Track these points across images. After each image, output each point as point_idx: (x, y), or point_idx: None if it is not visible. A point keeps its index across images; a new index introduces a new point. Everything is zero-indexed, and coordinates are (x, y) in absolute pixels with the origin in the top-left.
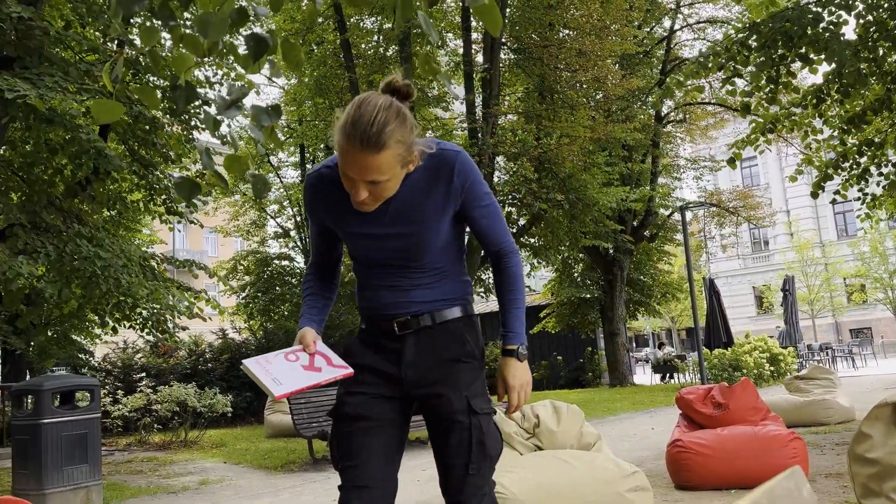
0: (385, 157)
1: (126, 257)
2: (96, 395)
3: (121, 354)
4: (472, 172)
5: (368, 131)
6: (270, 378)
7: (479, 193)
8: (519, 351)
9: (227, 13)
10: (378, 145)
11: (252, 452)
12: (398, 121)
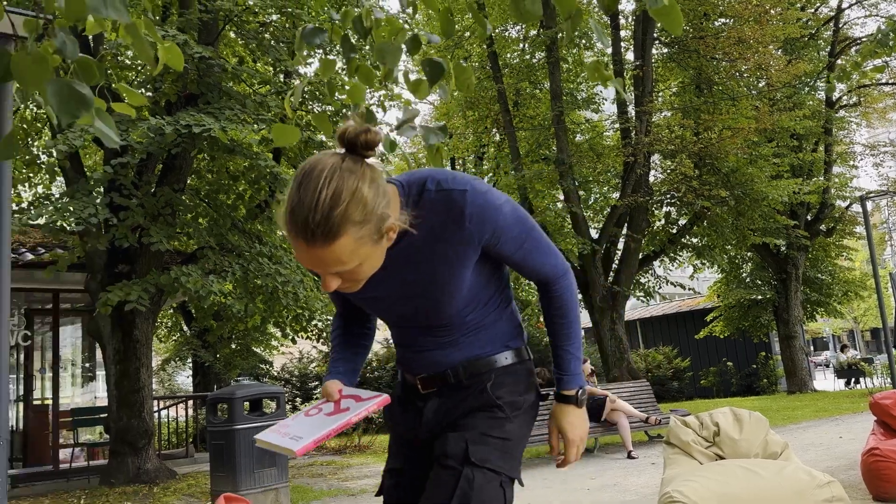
0: (342, 247)
1: (302, 273)
2: (281, 402)
3: (297, 364)
4: (488, 210)
5: (311, 222)
6: (288, 438)
7: (505, 232)
8: (578, 396)
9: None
10: (327, 236)
11: None
12: (352, 196)
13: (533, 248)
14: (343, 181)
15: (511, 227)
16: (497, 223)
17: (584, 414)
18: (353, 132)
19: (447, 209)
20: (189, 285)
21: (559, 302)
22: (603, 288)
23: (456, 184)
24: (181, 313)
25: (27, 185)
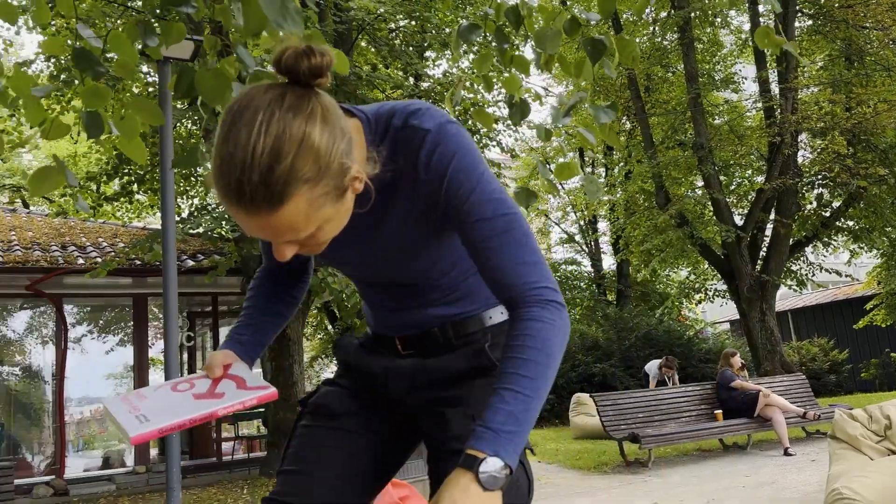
0: (292, 212)
1: None
2: None
3: None
4: (453, 158)
5: (247, 185)
6: (134, 416)
7: (470, 195)
8: (482, 467)
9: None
10: (271, 201)
11: (563, 452)
12: (299, 145)
13: (504, 233)
14: (285, 125)
15: (469, 180)
16: (450, 166)
17: (486, 500)
18: (293, 55)
19: (408, 151)
20: (335, 286)
21: (530, 333)
22: (750, 277)
23: (423, 119)
24: (325, 313)
25: (185, 197)
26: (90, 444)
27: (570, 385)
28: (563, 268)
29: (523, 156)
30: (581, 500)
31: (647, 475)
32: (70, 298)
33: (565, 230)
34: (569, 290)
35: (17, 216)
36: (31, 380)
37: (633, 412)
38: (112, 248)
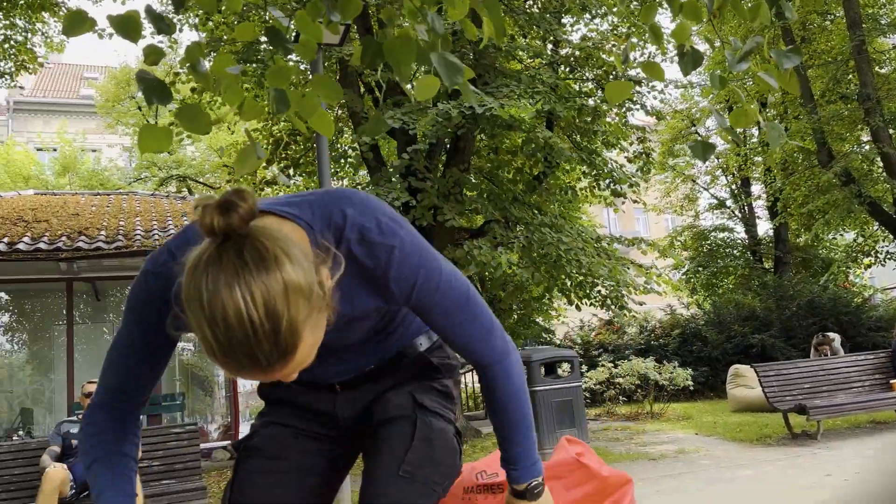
0: (303, 350)
1: (582, 240)
2: (576, 365)
3: (579, 332)
4: (419, 271)
5: (260, 355)
6: None
7: (437, 301)
8: (531, 490)
9: None
10: (287, 354)
11: (721, 425)
12: (286, 298)
13: (466, 322)
14: (265, 286)
15: (444, 295)
16: (427, 289)
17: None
18: (225, 210)
19: (371, 264)
20: (481, 258)
21: (500, 390)
22: None
23: (383, 236)
24: None
25: (335, 178)
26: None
27: (725, 357)
28: (714, 235)
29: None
30: (744, 472)
31: (815, 448)
32: None
33: (715, 195)
34: (721, 259)
35: (186, 203)
36: (203, 354)
37: (798, 382)
38: None
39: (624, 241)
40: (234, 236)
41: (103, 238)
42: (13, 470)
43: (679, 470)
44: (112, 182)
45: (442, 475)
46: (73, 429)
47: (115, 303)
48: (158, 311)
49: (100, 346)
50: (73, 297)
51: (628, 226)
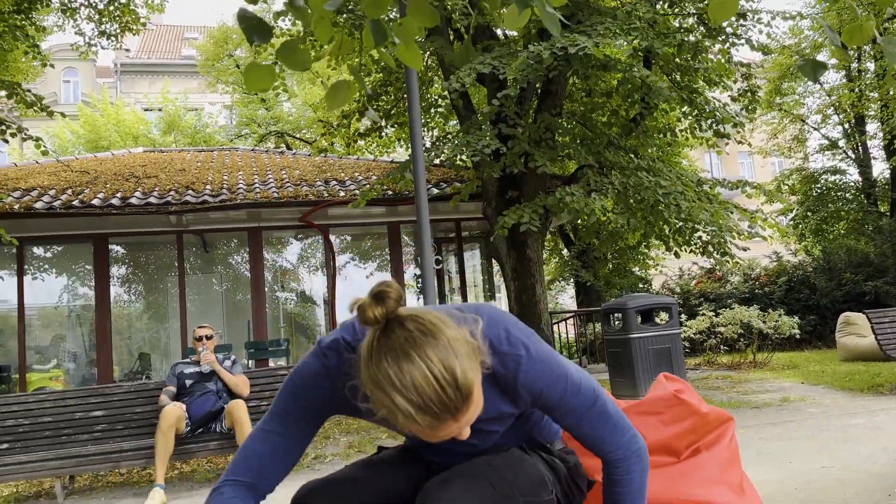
0: (476, 392)
1: (682, 183)
2: (674, 313)
3: (678, 281)
4: (544, 381)
5: (449, 401)
6: None
7: (563, 404)
8: None
9: None
10: (468, 397)
11: (829, 374)
12: (454, 349)
13: (591, 423)
14: (436, 348)
15: (570, 400)
16: (552, 396)
17: None
18: (379, 300)
19: (502, 371)
20: (573, 204)
21: (619, 484)
22: None
23: (511, 347)
24: (560, 236)
25: (426, 129)
26: None
27: (835, 305)
28: (825, 178)
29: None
30: (855, 421)
31: None
32: (334, 228)
33: (826, 135)
34: (832, 203)
35: (284, 157)
36: (306, 304)
37: None
38: (367, 181)
39: (727, 185)
40: (394, 318)
41: (209, 192)
42: (134, 409)
43: (784, 418)
44: (214, 139)
45: (522, 487)
46: (187, 370)
47: (223, 254)
48: (322, 390)
49: (209, 295)
50: (183, 249)
51: (732, 170)
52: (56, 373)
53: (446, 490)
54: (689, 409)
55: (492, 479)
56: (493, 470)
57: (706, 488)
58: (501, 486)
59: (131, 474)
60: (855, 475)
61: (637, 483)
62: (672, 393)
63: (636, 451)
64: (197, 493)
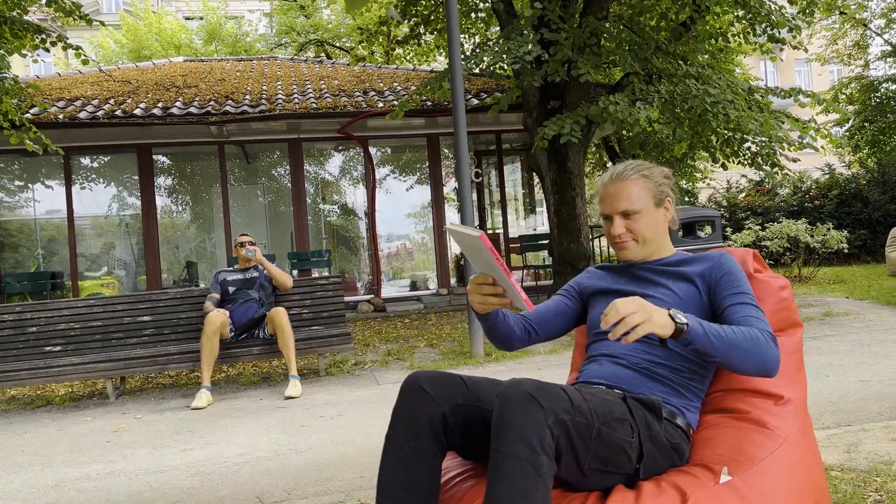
0: (632, 186)
1: (732, 91)
2: (717, 225)
3: (725, 194)
4: (735, 265)
5: (617, 170)
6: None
7: (737, 284)
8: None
9: None
10: (624, 178)
11: (876, 289)
12: (644, 165)
13: (748, 310)
14: (641, 165)
15: (737, 285)
16: (726, 271)
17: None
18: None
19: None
20: (617, 114)
21: (741, 332)
22: None
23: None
24: (604, 149)
25: (466, 34)
26: (399, 274)
27: (887, 219)
28: (885, 87)
29: None
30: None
31: None
32: (374, 140)
33: (889, 41)
34: (891, 113)
35: (323, 66)
36: (347, 216)
37: None
38: (405, 91)
39: (779, 93)
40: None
41: (248, 102)
42: (180, 314)
43: (825, 332)
44: (255, 48)
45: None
46: (230, 277)
47: (265, 166)
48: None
49: (253, 206)
50: (225, 160)
51: (787, 79)
52: (107, 280)
53: (519, 386)
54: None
55: (570, 393)
56: (577, 390)
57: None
58: (578, 401)
59: (179, 377)
60: (892, 389)
61: (748, 334)
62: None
63: (769, 335)
64: (243, 394)
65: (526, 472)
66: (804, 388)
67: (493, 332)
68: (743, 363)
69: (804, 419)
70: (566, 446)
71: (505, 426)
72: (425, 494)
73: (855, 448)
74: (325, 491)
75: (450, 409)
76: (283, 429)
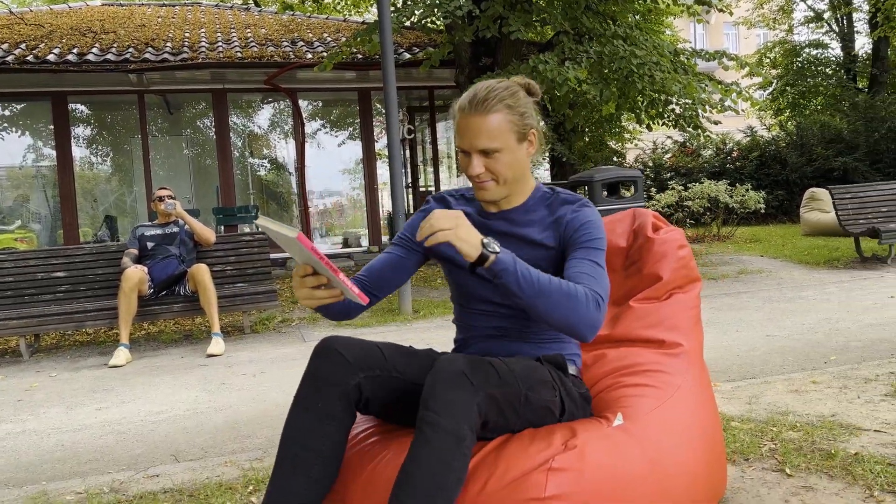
0: (493, 119)
1: (658, 53)
2: (639, 185)
3: (651, 155)
4: (591, 214)
5: (477, 98)
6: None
7: (587, 239)
8: (487, 245)
9: None
10: (485, 110)
11: (790, 248)
12: (508, 92)
13: (588, 268)
14: (507, 87)
15: (587, 239)
16: (582, 222)
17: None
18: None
19: (560, 196)
20: (546, 73)
21: (568, 283)
22: None
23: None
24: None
25: None
26: (331, 231)
27: (804, 181)
28: (807, 52)
29: None
30: (805, 293)
31: (884, 271)
32: (303, 93)
33: (812, 6)
34: (811, 77)
35: (250, 14)
36: (277, 171)
37: (875, 206)
38: (336, 43)
39: (704, 56)
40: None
41: (169, 50)
42: (97, 270)
43: (738, 289)
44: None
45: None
46: (149, 232)
47: (189, 117)
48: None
49: (176, 159)
50: (145, 110)
51: (716, 41)
52: (22, 233)
53: (451, 364)
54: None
55: (497, 367)
56: (502, 362)
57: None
58: (505, 373)
59: (98, 334)
60: (796, 344)
61: (565, 287)
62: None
63: (593, 296)
64: (164, 352)
65: (448, 444)
66: (700, 340)
67: (329, 311)
68: (550, 314)
69: (700, 369)
70: (497, 417)
71: (434, 399)
72: (325, 458)
73: (756, 400)
74: (244, 448)
75: (365, 378)
76: (203, 387)
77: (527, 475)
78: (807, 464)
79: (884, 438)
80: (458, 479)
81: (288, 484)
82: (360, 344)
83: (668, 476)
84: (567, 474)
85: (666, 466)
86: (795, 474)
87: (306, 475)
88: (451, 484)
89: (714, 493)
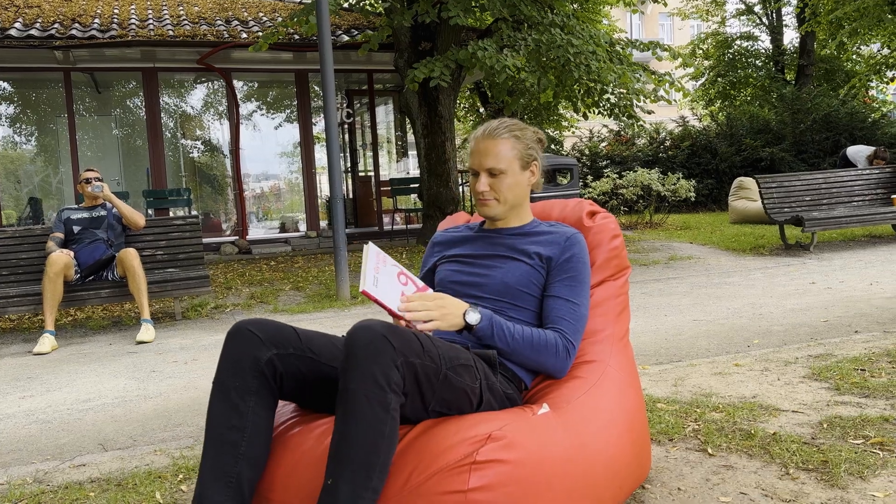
0: (502, 145)
1: (595, 43)
2: (575, 173)
3: (587, 143)
4: (580, 249)
5: (491, 127)
6: (373, 274)
7: (571, 273)
8: (467, 315)
9: None
10: (495, 136)
11: (718, 235)
12: (518, 127)
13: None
14: (516, 124)
15: (572, 276)
16: (568, 256)
17: (456, 311)
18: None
19: (556, 228)
20: (485, 60)
21: (544, 336)
22: None
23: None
24: (477, 94)
25: None
26: (268, 215)
27: (733, 170)
28: (738, 44)
29: None
30: (731, 279)
31: (806, 258)
32: (238, 73)
33: (744, 0)
34: (742, 69)
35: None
36: (211, 153)
37: (799, 195)
38: (272, 23)
39: (639, 46)
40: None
41: (97, 26)
42: (19, 255)
43: (668, 275)
44: None
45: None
46: (75, 215)
47: (118, 97)
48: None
49: (105, 139)
50: (72, 89)
51: (652, 32)
52: None
53: (369, 329)
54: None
55: (422, 338)
56: (427, 336)
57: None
58: (428, 346)
59: (21, 321)
60: (721, 328)
61: (537, 342)
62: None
63: (564, 345)
64: (91, 339)
65: (375, 411)
66: (626, 326)
67: None
68: (524, 363)
69: (623, 355)
70: (413, 388)
71: (354, 365)
72: (250, 434)
73: (681, 382)
74: (174, 436)
75: (278, 355)
76: (132, 374)
77: (451, 468)
78: (728, 443)
79: (800, 419)
80: (391, 442)
81: (218, 463)
82: (275, 325)
83: (593, 460)
84: (491, 466)
85: (591, 451)
86: (717, 454)
87: (233, 453)
88: (384, 449)
89: (638, 474)
